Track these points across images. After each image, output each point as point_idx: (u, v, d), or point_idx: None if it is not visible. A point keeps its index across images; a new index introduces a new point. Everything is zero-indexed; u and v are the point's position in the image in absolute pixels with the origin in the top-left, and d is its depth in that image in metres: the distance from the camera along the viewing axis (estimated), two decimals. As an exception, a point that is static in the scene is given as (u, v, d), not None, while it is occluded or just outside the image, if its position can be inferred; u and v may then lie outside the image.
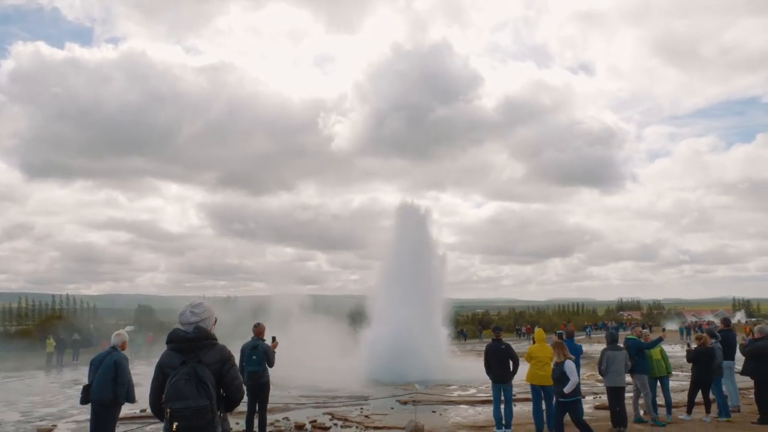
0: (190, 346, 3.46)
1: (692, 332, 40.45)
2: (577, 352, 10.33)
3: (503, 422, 9.59)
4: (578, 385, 8.37)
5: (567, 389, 8.12)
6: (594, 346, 30.17)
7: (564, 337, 11.04)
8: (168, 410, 3.27)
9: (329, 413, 12.13)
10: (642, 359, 10.35)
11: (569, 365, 8.19)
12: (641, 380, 10.32)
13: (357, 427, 10.66)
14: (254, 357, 9.19)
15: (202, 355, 3.44)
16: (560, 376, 8.22)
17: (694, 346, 10.85)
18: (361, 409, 12.95)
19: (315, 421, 11.14)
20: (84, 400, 7.48)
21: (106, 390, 7.32)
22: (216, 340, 3.62)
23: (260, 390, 9.13)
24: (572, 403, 8.26)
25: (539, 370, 9.35)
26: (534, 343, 9.90)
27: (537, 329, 10.43)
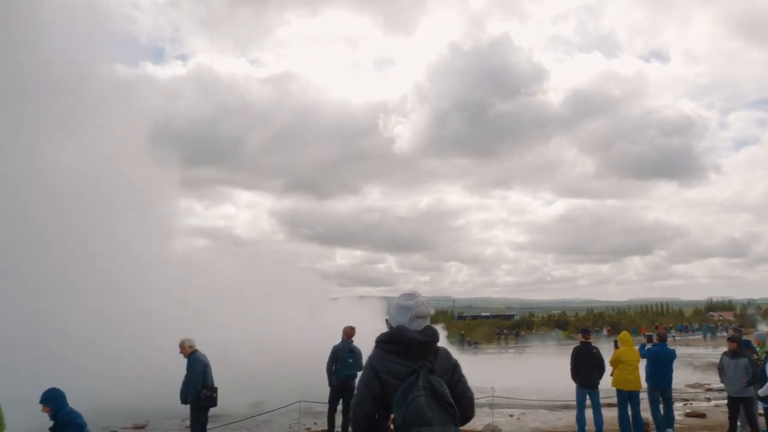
0: (422, 352, 2.64)
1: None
2: (670, 358, 9.42)
3: (585, 428, 9.28)
4: None
5: (762, 392, 7.56)
6: (681, 349, 28.57)
7: (656, 340, 9.98)
8: None
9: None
10: None
11: None
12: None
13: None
14: (350, 360, 9.10)
15: (434, 362, 2.63)
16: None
17: None
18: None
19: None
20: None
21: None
22: None
23: (348, 393, 8.95)
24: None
25: (629, 374, 8.98)
26: (619, 346, 9.47)
27: (623, 332, 9.89)
